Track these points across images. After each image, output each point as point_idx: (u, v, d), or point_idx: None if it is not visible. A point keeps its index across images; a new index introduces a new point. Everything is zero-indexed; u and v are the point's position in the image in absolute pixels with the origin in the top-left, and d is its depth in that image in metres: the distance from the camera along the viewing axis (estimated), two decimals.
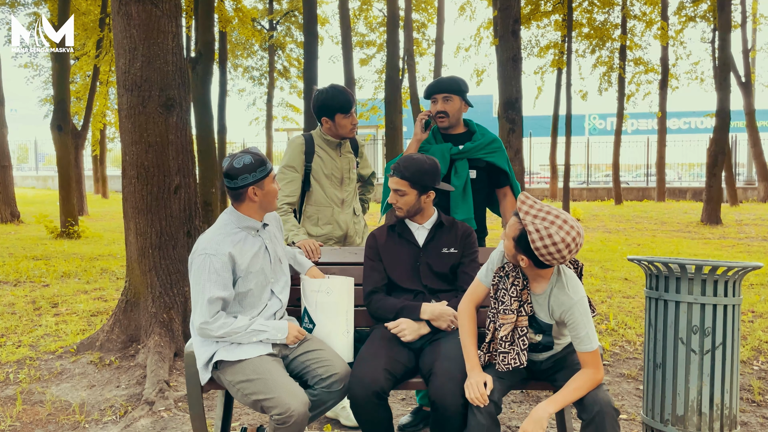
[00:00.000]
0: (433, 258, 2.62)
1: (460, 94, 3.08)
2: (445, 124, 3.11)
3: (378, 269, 2.65)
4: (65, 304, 5.67)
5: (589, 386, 2.15)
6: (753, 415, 3.28)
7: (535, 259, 2.09)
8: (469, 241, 2.66)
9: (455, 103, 3.08)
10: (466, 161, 3.08)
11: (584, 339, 2.16)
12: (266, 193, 2.40)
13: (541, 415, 2.09)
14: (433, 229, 2.65)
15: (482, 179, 3.15)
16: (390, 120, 12.74)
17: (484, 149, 3.10)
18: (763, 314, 5.29)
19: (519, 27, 7.45)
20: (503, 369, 2.23)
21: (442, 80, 3.09)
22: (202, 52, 9.94)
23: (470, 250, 2.66)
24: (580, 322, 2.15)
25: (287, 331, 2.42)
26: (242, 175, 2.33)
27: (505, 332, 2.21)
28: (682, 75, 33.78)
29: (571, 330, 2.19)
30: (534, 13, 16.43)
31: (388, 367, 2.34)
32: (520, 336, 2.22)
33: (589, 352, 2.16)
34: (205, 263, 2.31)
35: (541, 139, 24.97)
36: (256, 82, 27.32)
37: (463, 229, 2.68)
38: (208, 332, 2.32)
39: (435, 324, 2.51)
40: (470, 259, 2.65)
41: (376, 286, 2.64)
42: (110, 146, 27.85)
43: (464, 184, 3.06)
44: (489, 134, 3.17)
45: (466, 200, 3.06)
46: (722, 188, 15.30)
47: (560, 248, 2.01)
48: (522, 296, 2.22)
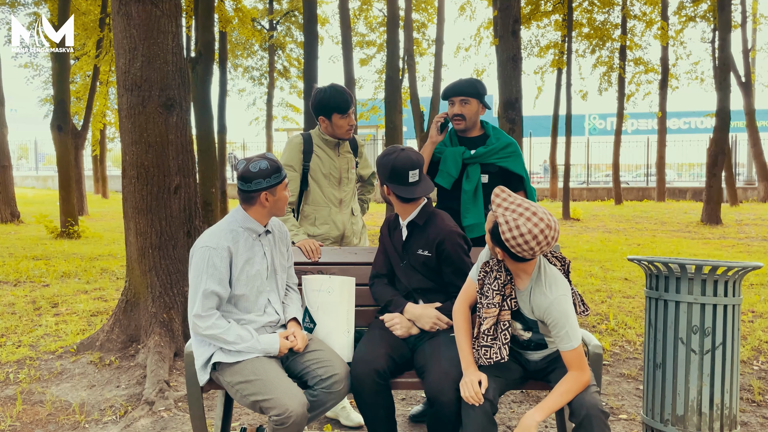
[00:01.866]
0: (411, 258, 2.60)
1: (478, 98, 3.06)
2: (461, 126, 3.10)
3: (383, 254, 2.72)
4: (65, 304, 5.67)
5: (577, 389, 2.13)
6: (753, 415, 3.28)
7: (509, 251, 2.10)
8: (443, 248, 2.48)
9: (472, 107, 3.07)
10: (479, 166, 3.07)
11: (563, 337, 2.14)
12: (278, 200, 2.42)
13: (529, 423, 2.09)
14: (409, 226, 2.59)
15: (495, 183, 3.08)
16: (390, 120, 12.74)
17: (497, 154, 3.08)
18: (763, 314, 5.29)
19: (519, 27, 7.45)
20: (485, 363, 2.23)
21: (460, 82, 3.07)
22: (202, 52, 9.94)
23: (448, 260, 2.49)
24: (558, 320, 2.13)
25: (277, 345, 2.38)
26: (257, 179, 2.34)
27: (487, 326, 2.23)
28: (682, 75, 33.76)
29: (551, 328, 2.18)
30: (534, 13, 16.42)
31: (388, 351, 2.40)
32: (502, 330, 2.23)
33: (571, 350, 2.14)
34: (205, 256, 2.33)
35: (541, 139, 24.96)
36: (256, 82, 27.32)
37: (435, 232, 2.50)
38: (197, 327, 2.32)
39: (418, 325, 2.53)
40: (452, 269, 2.51)
41: (379, 272, 2.71)
42: (110, 146, 27.86)
43: (475, 188, 3.05)
44: (504, 138, 3.12)
45: (477, 204, 3.06)
46: (722, 188, 15.30)
47: (527, 239, 2.03)
48: (505, 290, 2.24)
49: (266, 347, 2.36)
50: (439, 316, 2.52)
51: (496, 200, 2.12)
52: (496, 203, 2.12)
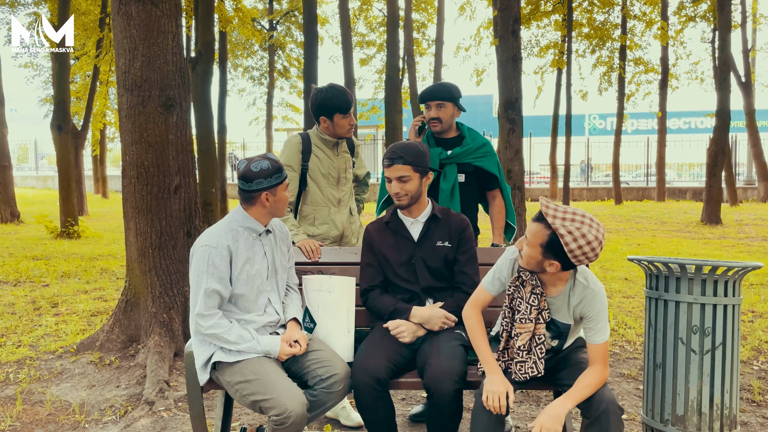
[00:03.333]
0: (427, 253, 2.60)
1: (453, 101, 3.20)
2: (437, 129, 3.24)
3: (374, 264, 2.66)
4: (65, 304, 5.67)
5: (598, 384, 2.15)
6: (753, 415, 3.28)
7: (566, 261, 2.07)
8: (464, 235, 2.61)
9: (448, 110, 3.20)
10: (455, 165, 3.21)
11: (599, 330, 2.18)
12: (278, 200, 2.42)
13: (560, 411, 2.07)
14: (428, 222, 2.63)
15: (471, 182, 3.26)
16: (390, 120, 12.74)
17: (473, 154, 3.22)
18: (763, 314, 5.29)
19: (519, 27, 7.45)
20: (520, 378, 2.22)
21: (435, 87, 3.20)
22: (202, 52, 9.93)
23: (466, 246, 2.61)
24: (601, 311, 2.18)
25: (277, 348, 2.38)
26: (257, 179, 2.35)
27: (522, 342, 2.20)
28: (682, 75, 33.79)
29: (589, 322, 2.20)
30: (534, 13, 16.42)
31: (389, 357, 2.38)
32: (538, 344, 2.21)
33: (602, 343, 2.17)
34: (205, 255, 2.33)
35: (541, 139, 24.95)
36: (256, 82, 27.31)
37: (457, 221, 2.63)
38: (200, 326, 2.32)
39: (427, 327, 2.53)
40: (467, 257, 2.61)
41: (371, 284, 2.64)
42: (110, 146, 27.84)
43: (452, 187, 3.18)
44: (479, 139, 3.27)
45: (454, 203, 3.18)
46: (722, 188, 15.30)
47: (594, 246, 2.01)
48: (540, 304, 2.21)
49: (266, 348, 2.36)
50: (447, 315, 2.52)
51: (549, 212, 2.04)
52: (551, 215, 2.04)
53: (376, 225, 2.71)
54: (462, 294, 2.57)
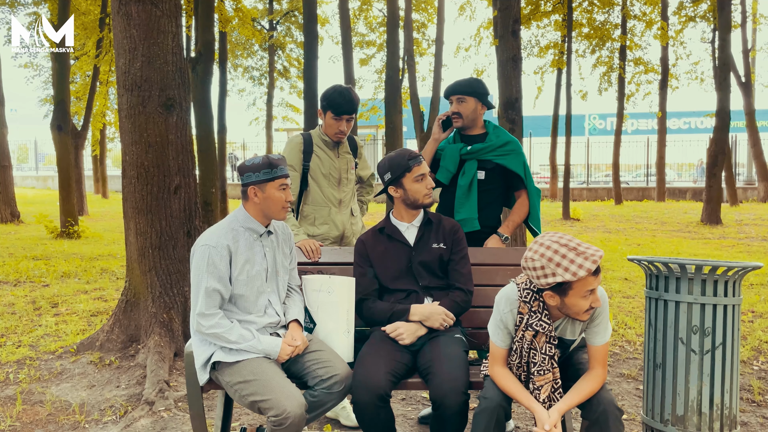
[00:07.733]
0: (425, 255, 2.64)
1: (475, 96, 3.11)
2: (459, 124, 3.17)
3: (368, 275, 2.66)
4: (65, 304, 5.67)
5: (597, 386, 2.16)
6: (753, 415, 3.28)
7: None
8: (457, 237, 2.70)
9: (469, 105, 3.13)
10: (475, 162, 3.11)
11: (602, 332, 2.20)
12: (267, 197, 2.39)
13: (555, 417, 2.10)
14: (422, 227, 2.68)
15: (492, 180, 3.14)
16: (390, 120, 12.74)
17: (495, 151, 3.11)
18: (763, 314, 5.29)
19: (519, 27, 7.44)
20: None
21: (458, 82, 3.15)
22: (202, 52, 9.93)
23: (458, 247, 2.69)
24: (603, 314, 2.20)
25: (278, 350, 2.38)
26: (247, 172, 2.38)
27: (545, 394, 2.18)
28: (682, 75, 33.77)
29: (594, 325, 2.21)
30: (534, 13, 16.40)
31: (390, 369, 2.35)
32: (555, 389, 2.20)
33: (603, 345, 2.19)
34: (205, 254, 2.33)
35: (541, 139, 24.96)
36: (256, 82, 27.31)
37: (450, 224, 2.72)
38: (201, 326, 2.32)
39: (427, 324, 2.52)
40: (459, 256, 2.68)
41: (365, 294, 2.63)
42: (110, 146, 27.83)
43: (469, 183, 3.09)
44: (504, 136, 3.16)
45: (470, 200, 3.10)
46: (722, 188, 15.29)
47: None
48: (553, 350, 2.20)
49: (267, 348, 2.36)
50: (446, 312, 2.53)
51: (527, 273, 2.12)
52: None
53: (369, 234, 2.73)
54: (458, 291, 2.61)
